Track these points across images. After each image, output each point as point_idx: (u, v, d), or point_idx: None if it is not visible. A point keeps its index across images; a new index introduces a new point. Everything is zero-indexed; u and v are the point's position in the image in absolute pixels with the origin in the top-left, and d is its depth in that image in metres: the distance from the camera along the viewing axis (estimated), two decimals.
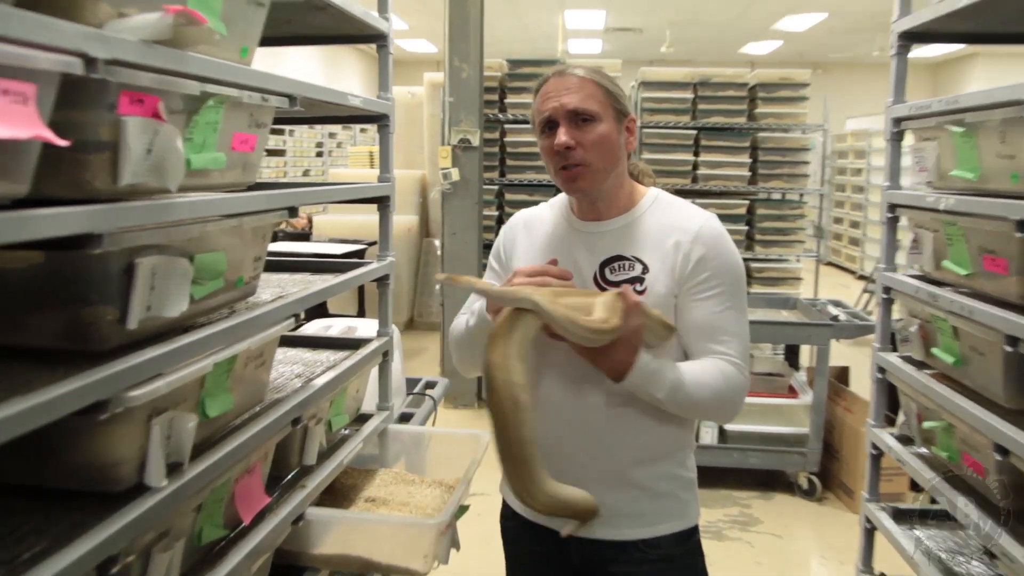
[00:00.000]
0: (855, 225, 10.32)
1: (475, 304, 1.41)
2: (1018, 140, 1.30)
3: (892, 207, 1.78)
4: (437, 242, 6.46)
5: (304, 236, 6.04)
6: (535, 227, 1.46)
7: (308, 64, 10.60)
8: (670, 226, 1.34)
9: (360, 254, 5.13)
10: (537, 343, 1.22)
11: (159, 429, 1.00)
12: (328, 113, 1.73)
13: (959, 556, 1.71)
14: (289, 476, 1.48)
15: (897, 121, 1.77)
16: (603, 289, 1.31)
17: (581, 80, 1.33)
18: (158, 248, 0.98)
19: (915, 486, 3.79)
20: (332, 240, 5.62)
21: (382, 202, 1.81)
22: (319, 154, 10.28)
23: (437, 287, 6.43)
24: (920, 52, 12.30)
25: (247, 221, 1.20)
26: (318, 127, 9.96)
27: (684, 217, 1.35)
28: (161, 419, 1.00)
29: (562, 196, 1.48)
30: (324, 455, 1.57)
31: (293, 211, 1.33)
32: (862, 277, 9.35)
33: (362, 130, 11.92)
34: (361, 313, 5.33)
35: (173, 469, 1.03)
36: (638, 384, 1.24)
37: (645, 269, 1.32)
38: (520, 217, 1.51)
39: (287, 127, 8.51)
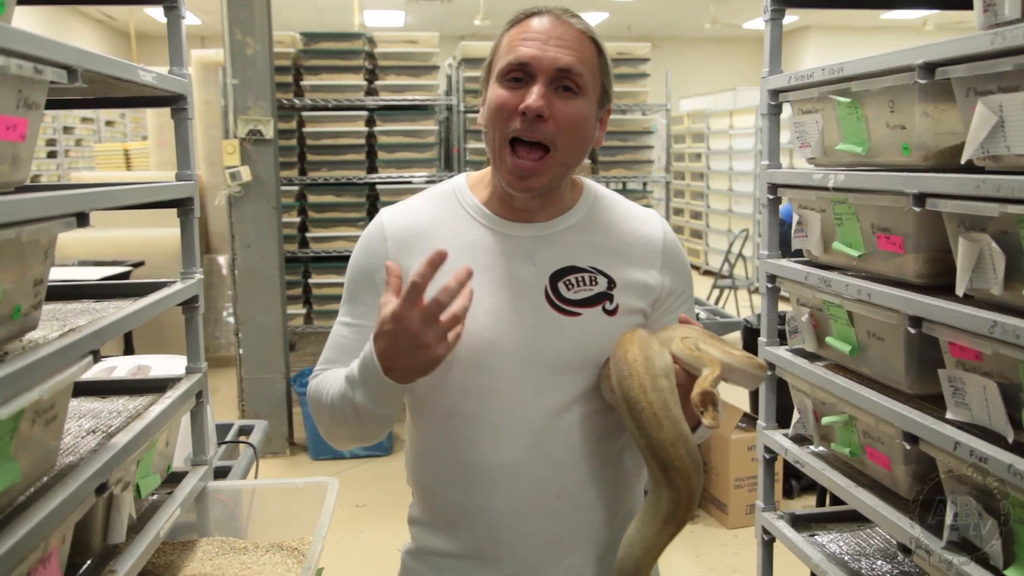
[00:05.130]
0: (697, 216, 11.05)
1: (347, 366, 1.22)
2: (908, 109, 1.44)
3: (773, 187, 1.92)
4: (222, 259, 6.18)
5: None
6: (436, 235, 1.28)
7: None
8: (627, 232, 1.33)
9: (125, 277, 4.82)
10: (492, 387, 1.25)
11: None
12: (108, 94, 1.61)
13: (863, 558, 1.86)
14: (89, 561, 1.36)
15: (775, 93, 1.91)
16: (562, 310, 1.26)
17: (581, 36, 1.22)
18: None
19: (788, 492, 4.12)
20: (83, 263, 5.23)
21: (184, 205, 1.71)
22: (51, 154, 9.52)
23: (225, 314, 6.15)
24: (754, 25, 13.43)
25: (26, 232, 1.08)
26: (48, 118, 9.22)
27: (640, 220, 1.36)
28: None
29: (447, 187, 1.35)
30: (134, 528, 1.45)
31: (83, 218, 1.22)
32: (708, 272, 10.01)
33: (108, 123, 11.21)
34: (129, 349, 4.99)
35: None
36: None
37: (611, 284, 1.29)
38: (399, 223, 1.31)
39: None
